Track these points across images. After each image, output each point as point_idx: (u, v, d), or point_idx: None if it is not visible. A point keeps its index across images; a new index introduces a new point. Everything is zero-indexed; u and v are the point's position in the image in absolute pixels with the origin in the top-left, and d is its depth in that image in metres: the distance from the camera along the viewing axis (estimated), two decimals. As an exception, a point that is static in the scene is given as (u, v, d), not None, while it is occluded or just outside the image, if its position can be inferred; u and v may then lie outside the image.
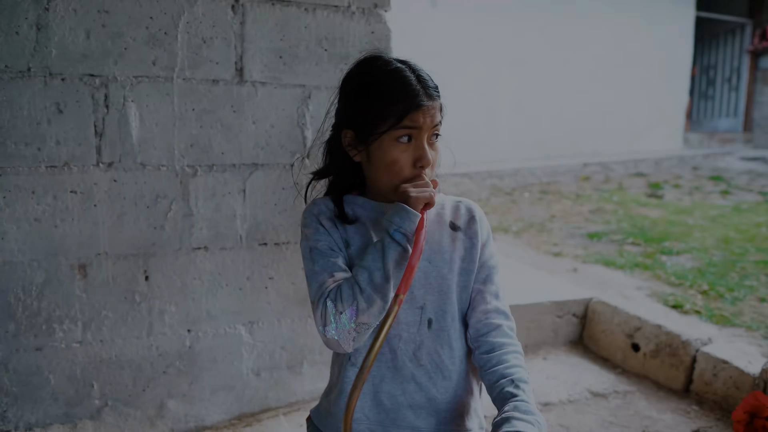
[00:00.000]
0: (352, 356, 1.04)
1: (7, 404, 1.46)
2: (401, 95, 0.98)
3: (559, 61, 7.52)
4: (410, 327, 1.02)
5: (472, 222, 1.06)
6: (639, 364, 2.00)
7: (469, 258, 1.04)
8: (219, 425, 1.66)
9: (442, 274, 1.03)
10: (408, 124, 0.97)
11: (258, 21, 1.56)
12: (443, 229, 1.05)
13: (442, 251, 1.04)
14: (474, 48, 6.92)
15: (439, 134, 1.01)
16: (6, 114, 1.37)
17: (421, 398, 1.02)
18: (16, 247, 1.42)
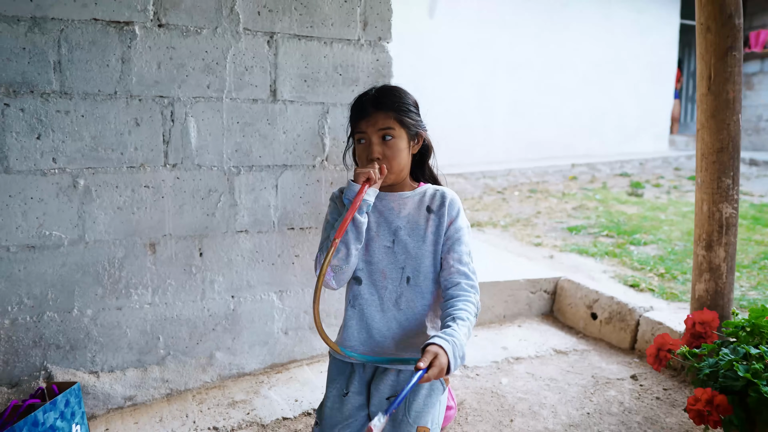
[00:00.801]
0: (351, 301, 1.48)
1: (95, 351, 1.89)
2: (354, 111, 1.49)
3: (553, 67, 7.93)
4: (394, 282, 1.46)
5: (442, 206, 1.48)
6: (596, 329, 2.43)
7: (438, 233, 1.47)
8: (255, 372, 2.08)
9: (418, 245, 1.46)
10: (357, 130, 1.47)
11: (288, 53, 1.99)
12: (421, 212, 1.49)
13: (419, 228, 1.47)
14: (472, 54, 7.33)
15: (391, 136, 1.44)
16: (99, 127, 1.79)
17: (399, 332, 1.46)
18: (103, 229, 1.84)
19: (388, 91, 1.49)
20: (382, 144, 1.44)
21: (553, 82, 7.96)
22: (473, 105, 7.43)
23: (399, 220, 1.48)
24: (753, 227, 4.17)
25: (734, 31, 1.75)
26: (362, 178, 1.39)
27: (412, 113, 1.49)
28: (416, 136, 1.51)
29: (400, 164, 1.46)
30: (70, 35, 1.73)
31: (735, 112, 1.79)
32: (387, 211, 1.50)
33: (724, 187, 1.83)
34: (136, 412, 1.87)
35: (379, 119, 1.43)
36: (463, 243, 1.47)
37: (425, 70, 6.96)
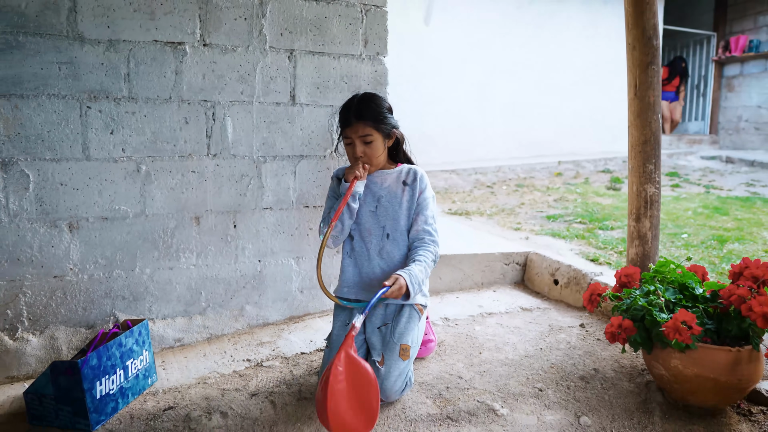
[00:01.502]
0: (347, 252, 2.03)
1: (152, 302, 2.38)
2: (341, 119, 2.03)
3: (544, 72, 8.42)
4: (377, 237, 1.98)
5: (414, 180, 2.01)
6: (557, 293, 2.93)
7: (411, 200, 2.00)
8: (277, 322, 2.58)
9: (395, 209, 1.98)
10: (344, 136, 2.00)
11: (304, 66, 2.49)
12: (398, 184, 2.01)
13: (396, 197, 1.99)
14: (470, 55, 7.81)
15: (370, 141, 1.96)
16: (157, 124, 2.29)
17: (382, 275, 1.97)
18: (159, 205, 2.34)
19: (366, 103, 2.00)
20: (364, 146, 1.97)
21: (545, 85, 8.44)
22: (472, 105, 7.92)
23: (381, 191, 2.01)
24: (712, 215, 4.66)
25: (653, 50, 2.25)
26: (351, 176, 1.95)
27: (387, 119, 2.01)
28: (389, 134, 2.03)
29: (378, 158, 2.01)
30: (137, 53, 2.23)
31: (655, 112, 2.28)
32: (372, 184, 2.03)
33: (648, 172, 2.32)
34: (184, 350, 2.37)
35: (359, 128, 1.96)
36: (428, 208, 2.00)
37: (425, 71, 7.46)
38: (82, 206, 2.22)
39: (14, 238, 2.15)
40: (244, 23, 2.37)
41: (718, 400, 1.81)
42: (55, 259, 2.21)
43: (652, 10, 2.25)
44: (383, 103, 2.05)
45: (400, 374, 1.90)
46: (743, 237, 3.82)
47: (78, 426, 1.79)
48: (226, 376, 2.13)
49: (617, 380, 2.07)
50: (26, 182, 2.14)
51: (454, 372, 2.12)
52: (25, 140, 2.12)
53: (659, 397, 1.95)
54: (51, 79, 2.13)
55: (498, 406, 1.88)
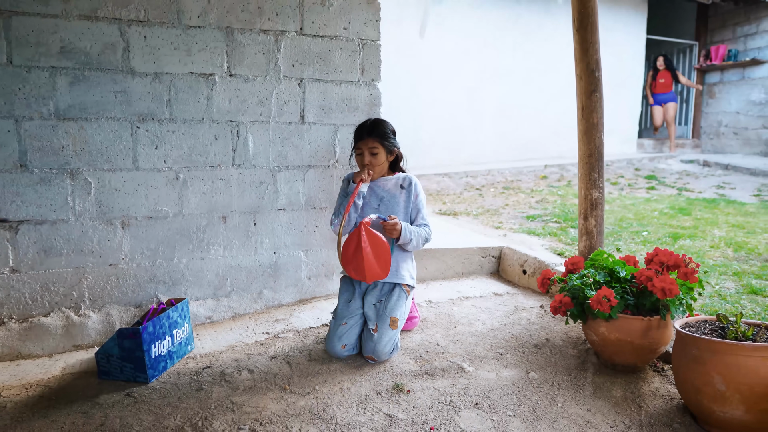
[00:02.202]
0: None
1: (187, 286, 2.90)
2: (356, 134, 2.56)
3: (532, 78, 8.94)
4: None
5: (410, 185, 2.54)
6: (525, 281, 3.45)
7: (407, 201, 2.53)
8: (289, 304, 3.10)
9: (394, 207, 2.51)
10: (357, 147, 2.53)
11: (311, 91, 3.00)
12: (397, 188, 2.53)
13: (395, 198, 2.52)
14: (460, 66, 8.35)
15: (376, 153, 2.50)
16: (192, 141, 2.81)
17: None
18: (194, 207, 2.86)
19: (377, 124, 2.54)
20: (371, 156, 2.49)
21: (532, 90, 8.96)
22: (463, 109, 8.45)
23: (383, 192, 2.54)
24: (675, 215, 5.18)
25: (596, 81, 2.77)
26: (358, 179, 2.47)
27: (390, 138, 2.55)
28: (391, 151, 2.55)
29: (381, 167, 2.54)
30: (176, 83, 2.75)
31: (598, 131, 2.80)
32: (376, 187, 2.56)
33: (593, 179, 2.84)
34: (213, 326, 2.89)
35: (369, 142, 2.49)
36: (423, 208, 2.55)
37: (419, 78, 7.99)
38: (132, 207, 2.74)
39: (79, 233, 2.67)
40: (262, 57, 2.89)
41: (636, 359, 2.33)
42: (110, 250, 2.73)
43: (594, 48, 2.76)
44: (389, 127, 2.59)
45: (390, 340, 2.42)
46: (696, 234, 4.34)
47: (138, 379, 2.31)
48: (249, 345, 2.65)
49: (563, 347, 2.59)
50: (89, 188, 2.66)
51: (432, 341, 2.64)
52: (88, 155, 2.64)
53: (594, 359, 2.47)
54: (109, 105, 2.65)
55: (466, 365, 2.40)
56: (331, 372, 2.36)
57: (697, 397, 1.91)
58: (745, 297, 2.99)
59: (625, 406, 2.11)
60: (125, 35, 2.64)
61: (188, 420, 2.00)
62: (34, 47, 2.51)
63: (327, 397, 2.16)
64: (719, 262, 3.62)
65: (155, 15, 2.68)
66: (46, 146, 2.58)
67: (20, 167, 2.55)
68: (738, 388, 1.79)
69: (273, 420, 1.99)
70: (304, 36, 2.96)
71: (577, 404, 2.12)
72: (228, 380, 2.30)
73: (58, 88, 2.57)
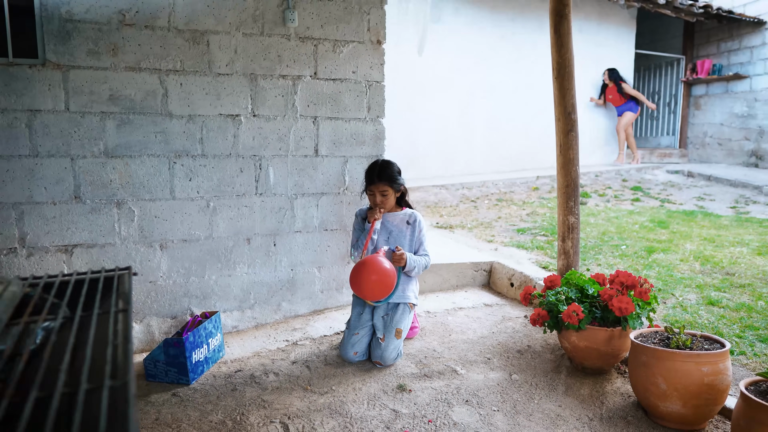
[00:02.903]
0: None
1: (216, 300, 3.32)
2: (368, 176, 2.98)
3: (523, 92, 9.38)
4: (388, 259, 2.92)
5: (414, 221, 2.97)
6: (513, 293, 3.87)
7: (413, 234, 2.97)
8: (305, 315, 3.52)
9: (401, 240, 2.94)
10: (369, 188, 2.96)
11: (324, 127, 3.43)
12: (404, 223, 2.96)
13: (402, 232, 2.95)
14: (454, 81, 8.78)
15: (386, 194, 2.93)
16: (221, 173, 3.23)
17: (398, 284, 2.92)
18: (222, 230, 3.28)
19: (385, 169, 2.97)
20: (382, 197, 2.92)
21: (523, 105, 9.40)
22: (455, 122, 8.89)
23: (392, 227, 2.96)
24: (654, 229, 5.62)
25: (572, 122, 3.20)
26: (372, 218, 2.88)
27: (397, 180, 2.98)
28: (399, 189, 2.98)
29: (390, 205, 2.98)
30: (207, 123, 3.17)
31: (574, 165, 3.23)
32: (386, 222, 2.98)
33: (570, 207, 3.26)
34: (239, 334, 3.31)
35: (380, 186, 2.92)
36: (425, 240, 3.00)
37: (415, 91, 8.42)
38: (169, 232, 3.16)
39: (124, 255, 3.09)
40: (281, 99, 3.31)
41: (602, 363, 2.75)
42: (150, 269, 3.15)
43: (570, 93, 3.19)
44: (395, 168, 3.02)
45: (395, 348, 2.85)
46: (669, 248, 4.77)
47: (181, 381, 2.73)
48: (272, 351, 3.07)
49: (542, 353, 3.02)
50: (132, 216, 3.08)
51: (430, 347, 3.07)
52: (132, 187, 3.06)
53: (568, 363, 2.90)
54: (149, 143, 3.07)
55: (459, 368, 2.83)
56: (345, 374, 2.79)
57: (646, 395, 2.34)
58: (704, 308, 3.42)
59: (590, 402, 2.54)
60: (164, 83, 3.07)
61: (228, 415, 2.43)
62: (87, 96, 2.94)
63: (342, 395, 2.58)
64: (686, 275, 4.06)
65: (190, 65, 3.10)
66: (96, 180, 3.00)
67: (75, 199, 2.97)
68: (676, 387, 2.22)
69: (299, 415, 2.41)
70: (318, 80, 3.39)
71: (551, 401, 2.54)
72: (257, 382, 2.72)
73: (107, 130, 2.99)
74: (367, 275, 2.78)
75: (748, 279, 3.95)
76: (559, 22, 3.17)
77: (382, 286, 2.82)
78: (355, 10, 3.42)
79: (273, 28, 3.25)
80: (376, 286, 2.80)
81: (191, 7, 3.07)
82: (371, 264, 2.79)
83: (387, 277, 2.81)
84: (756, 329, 3.11)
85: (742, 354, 2.85)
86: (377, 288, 2.81)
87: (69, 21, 2.86)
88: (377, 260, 2.81)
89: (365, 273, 2.78)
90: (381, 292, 2.84)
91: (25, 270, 2.93)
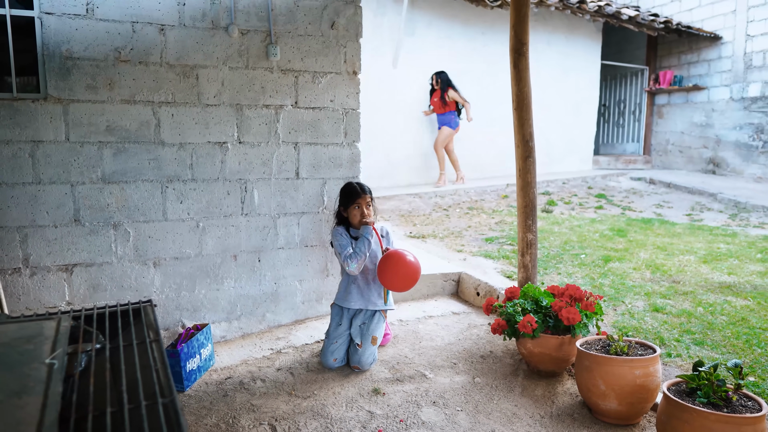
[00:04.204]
0: (353, 279, 3.26)
1: (205, 312, 3.60)
2: (349, 192, 3.31)
3: (494, 104, 9.76)
4: (372, 271, 3.24)
5: (387, 234, 3.32)
6: (479, 301, 4.21)
7: (386, 245, 3.27)
8: (287, 324, 3.81)
9: (378, 251, 3.25)
10: (356, 203, 3.28)
11: (305, 152, 3.73)
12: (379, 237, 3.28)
13: (378, 243, 3.26)
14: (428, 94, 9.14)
15: (370, 206, 3.24)
16: (209, 196, 3.51)
17: (375, 293, 3.23)
18: (211, 248, 3.56)
19: (364, 186, 3.28)
20: (367, 208, 3.24)
21: (493, 115, 9.78)
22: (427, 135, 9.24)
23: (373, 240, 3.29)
24: (613, 237, 6.02)
25: (529, 149, 3.54)
26: (371, 224, 3.23)
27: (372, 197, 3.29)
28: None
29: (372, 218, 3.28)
30: (197, 150, 3.45)
31: (532, 188, 3.57)
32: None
33: (528, 225, 3.61)
34: (227, 344, 3.59)
35: (366, 198, 3.26)
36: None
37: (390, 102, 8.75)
38: (162, 251, 3.43)
39: (120, 272, 3.35)
40: (265, 127, 3.60)
41: (554, 367, 3.10)
42: (144, 285, 3.42)
43: (528, 123, 3.54)
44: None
45: (371, 353, 3.17)
46: (624, 257, 5.16)
47: (176, 388, 3.00)
48: (259, 359, 3.36)
49: (503, 358, 3.36)
50: (128, 236, 3.34)
51: (402, 354, 3.39)
52: (127, 210, 3.32)
53: (525, 367, 3.24)
54: (143, 170, 3.34)
55: (428, 373, 3.15)
56: (326, 380, 3.09)
57: (589, 395, 2.69)
58: (649, 314, 3.79)
59: (543, 402, 2.88)
60: (157, 114, 3.34)
61: (221, 418, 2.72)
62: (86, 127, 3.19)
63: (323, 399, 2.89)
64: (637, 283, 4.44)
65: (180, 97, 3.38)
66: (94, 204, 3.26)
67: (75, 222, 3.23)
68: (613, 388, 2.58)
69: (285, 417, 2.72)
70: (299, 108, 3.68)
71: (508, 401, 2.88)
72: (246, 388, 3.01)
73: (104, 158, 3.25)
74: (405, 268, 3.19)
75: (692, 286, 4.35)
76: (517, 59, 3.51)
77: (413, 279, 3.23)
78: (333, 44, 3.72)
79: (257, 61, 3.54)
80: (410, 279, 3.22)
81: (181, 43, 3.35)
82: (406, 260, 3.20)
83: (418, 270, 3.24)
84: (693, 333, 3.49)
85: (678, 356, 3.22)
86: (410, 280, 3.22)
87: (69, 58, 3.12)
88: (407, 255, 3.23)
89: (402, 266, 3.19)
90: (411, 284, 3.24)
91: (28, 288, 3.18)
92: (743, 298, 4.08)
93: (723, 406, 2.23)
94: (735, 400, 2.26)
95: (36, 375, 1.08)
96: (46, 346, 1.21)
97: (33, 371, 1.10)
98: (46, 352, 1.18)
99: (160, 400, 1.06)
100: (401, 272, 3.19)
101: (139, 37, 3.24)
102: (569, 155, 10.75)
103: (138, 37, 3.24)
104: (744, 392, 2.31)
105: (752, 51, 9.76)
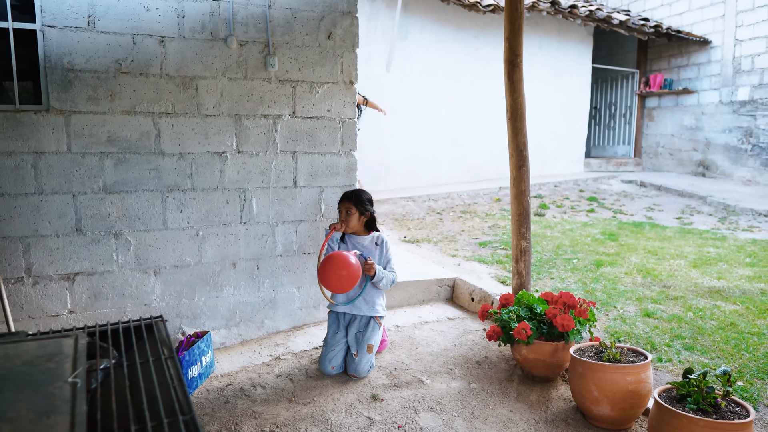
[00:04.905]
0: None
1: (205, 319, 3.65)
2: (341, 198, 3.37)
3: (487, 107, 9.85)
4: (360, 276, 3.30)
5: (382, 243, 3.36)
6: (474, 306, 4.28)
7: (380, 254, 3.35)
8: (286, 330, 3.87)
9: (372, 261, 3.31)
10: (338, 207, 3.36)
11: (303, 161, 3.78)
12: (372, 244, 3.35)
13: (371, 252, 3.34)
14: (421, 94, 9.22)
15: (350, 212, 3.33)
16: (209, 205, 3.56)
17: (361, 297, 3.29)
18: (210, 256, 3.61)
19: (356, 193, 3.35)
20: (346, 214, 3.31)
21: (486, 119, 9.87)
22: (420, 138, 9.32)
23: (362, 248, 3.34)
24: (605, 242, 6.11)
25: (523, 158, 3.62)
26: (331, 228, 3.31)
27: (365, 204, 3.35)
28: (365, 213, 3.35)
29: (356, 225, 3.34)
30: (197, 160, 3.50)
31: (525, 196, 3.65)
32: (356, 243, 3.36)
33: (522, 232, 3.68)
34: (227, 350, 3.65)
35: (346, 203, 3.33)
36: (392, 258, 3.38)
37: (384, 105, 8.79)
38: (162, 259, 3.48)
39: (121, 281, 3.40)
40: (263, 136, 3.66)
41: (548, 372, 3.18)
42: (145, 293, 3.47)
43: (522, 133, 3.61)
44: (365, 195, 3.40)
45: (367, 361, 3.23)
46: (615, 261, 5.25)
47: (177, 395, 3.05)
48: (258, 365, 3.42)
49: (498, 363, 3.43)
50: (129, 245, 3.39)
51: (399, 360, 3.46)
52: (128, 219, 3.37)
53: (519, 372, 3.31)
54: (144, 179, 3.38)
55: (424, 379, 3.22)
56: (325, 386, 3.15)
57: (582, 400, 2.76)
58: (641, 319, 3.88)
59: (537, 407, 2.95)
60: (157, 125, 3.38)
61: (223, 425, 2.77)
62: (87, 138, 3.24)
63: (323, 405, 2.95)
64: (628, 287, 4.53)
65: (180, 108, 3.43)
66: (96, 214, 3.30)
67: (76, 231, 3.27)
68: (606, 394, 2.65)
69: (286, 424, 2.77)
70: (296, 118, 3.74)
71: (504, 407, 2.95)
72: (247, 394, 3.07)
73: (106, 169, 3.30)
74: (332, 268, 3.11)
75: (682, 291, 4.44)
76: (511, 70, 3.59)
77: (347, 279, 3.11)
78: (330, 55, 3.78)
79: (255, 72, 3.59)
80: (342, 279, 3.09)
81: (181, 55, 3.40)
82: (337, 257, 3.14)
83: (351, 269, 3.11)
84: (683, 338, 3.57)
85: (669, 361, 3.30)
86: (344, 281, 3.10)
87: (71, 71, 3.16)
88: (343, 254, 3.16)
89: (330, 266, 3.12)
90: (346, 285, 3.13)
91: (30, 297, 3.22)
92: (732, 303, 4.17)
93: (712, 412, 2.31)
94: (724, 406, 2.34)
95: (60, 394, 1.14)
96: (67, 364, 1.27)
97: (57, 390, 1.16)
98: (67, 371, 1.23)
99: (180, 417, 1.11)
100: (328, 274, 3.16)
101: (140, 49, 3.29)
102: (561, 158, 10.86)
103: (138, 49, 3.29)
104: (733, 398, 2.39)
105: (741, 55, 9.89)
